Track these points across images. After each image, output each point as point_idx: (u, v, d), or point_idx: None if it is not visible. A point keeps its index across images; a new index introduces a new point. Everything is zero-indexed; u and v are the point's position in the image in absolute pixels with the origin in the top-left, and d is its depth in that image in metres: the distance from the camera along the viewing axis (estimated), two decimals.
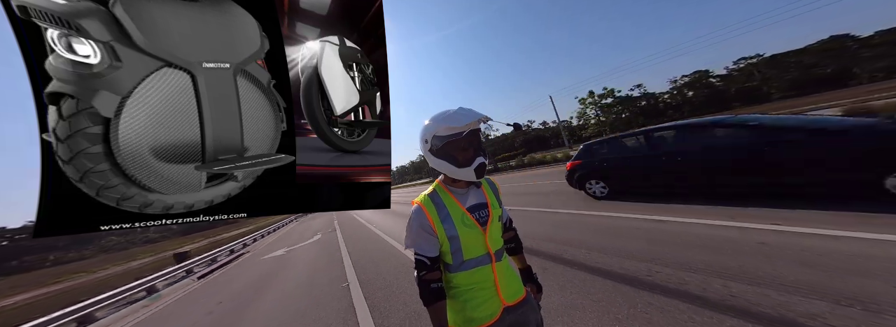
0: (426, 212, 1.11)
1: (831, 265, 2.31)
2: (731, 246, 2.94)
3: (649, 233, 3.70)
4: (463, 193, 1.17)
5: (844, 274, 2.18)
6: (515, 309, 1.14)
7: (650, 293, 2.43)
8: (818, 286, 2.10)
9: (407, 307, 3.23)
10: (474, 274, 1.11)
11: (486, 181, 1.26)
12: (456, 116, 1.04)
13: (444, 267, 1.15)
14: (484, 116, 1.05)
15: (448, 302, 1.11)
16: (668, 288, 2.43)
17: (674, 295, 2.32)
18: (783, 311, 1.92)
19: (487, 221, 1.14)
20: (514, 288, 1.17)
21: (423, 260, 1.09)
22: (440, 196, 1.15)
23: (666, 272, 2.70)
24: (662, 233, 3.64)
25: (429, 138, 1.11)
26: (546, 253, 3.75)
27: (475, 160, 1.08)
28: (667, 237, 3.47)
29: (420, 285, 1.09)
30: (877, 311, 1.78)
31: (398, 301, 3.46)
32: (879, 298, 1.88)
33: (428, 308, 1.07)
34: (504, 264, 1.19)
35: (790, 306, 1.96)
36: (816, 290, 2.06)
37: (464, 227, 1.10)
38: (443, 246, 1.11)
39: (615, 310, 2.30)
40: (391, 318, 3.05)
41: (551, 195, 7.93)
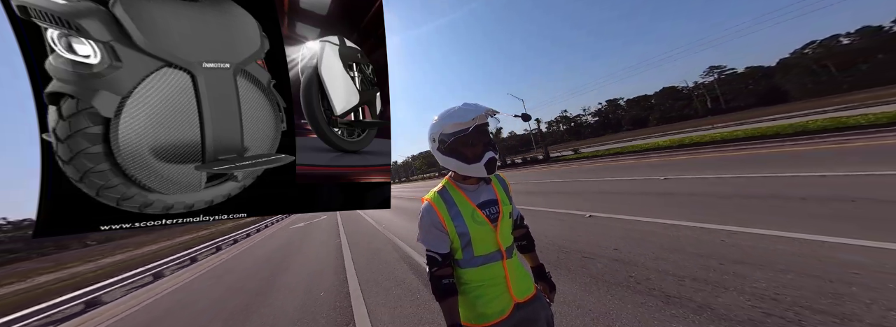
0: (436, 209, 1.11)
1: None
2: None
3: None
4: (473, 190, 1.17)
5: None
6: (526, 306, 1.14)
7: None
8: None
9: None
10: (485, 271, 1.11)
11: (496, 178, 1.25)
12: (460, 112, 1.04)
13: (455, 263, 1.15)
14: (490, 110, 1.04)
15: (459, 298, 1.11)
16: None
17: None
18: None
19: (498, 218, 1.14)
20: (524, 285, 1.17)
21: (434, 257, 1.10)
22: (450, 193, 1.15)
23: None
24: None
25: (436, 136, 1.11)
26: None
27: (484, 155, 1.07)
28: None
29: (432, 281, 1.09)
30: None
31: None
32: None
33: (440, 303, 1.07)
34: (515, 261, 1.19)
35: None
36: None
37: (474, 224, 1.10)
38: (453, 242, 1.11)
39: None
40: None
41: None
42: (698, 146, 14.96)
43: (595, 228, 4.57)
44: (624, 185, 7.96)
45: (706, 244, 3.22)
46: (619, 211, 5.22)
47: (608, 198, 6.70)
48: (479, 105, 1.06)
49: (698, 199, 5.05)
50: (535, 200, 7.88)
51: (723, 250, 3.01)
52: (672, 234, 3.69)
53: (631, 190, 7.16)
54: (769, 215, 3.68)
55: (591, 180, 10.20)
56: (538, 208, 6.75)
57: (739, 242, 3.11)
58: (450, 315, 1.06)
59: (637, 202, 5.79)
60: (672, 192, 5.94)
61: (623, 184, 8.25)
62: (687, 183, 6.65)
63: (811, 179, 4.94)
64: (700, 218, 4.03)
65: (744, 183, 5.61)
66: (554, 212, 6.18)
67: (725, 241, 3.18)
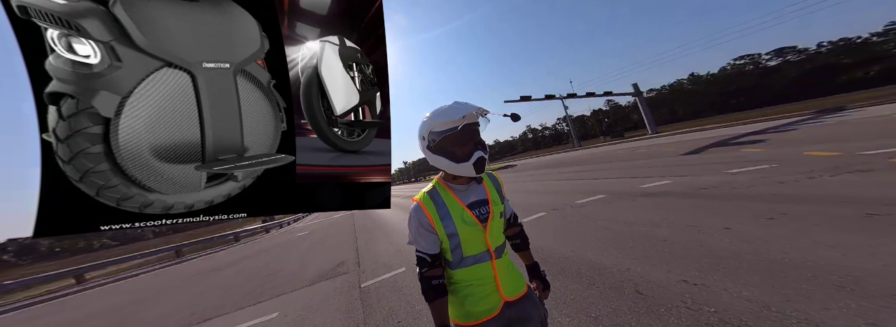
0: (425, 209, 1.10)
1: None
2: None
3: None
4: (463, 190, 1.15)
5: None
6: (516, 305, 1.14)
7: None
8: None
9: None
10: (474, 271, 1.11)
11: (487, 176, 1.23)
12: (450, 110, 1.04)
13: (444, 263, 1.15)
14: (480, 109, 1.03)
15: (449, 297, 1.12)
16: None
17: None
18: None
19: (488, 218, 1.13)
20: (515, 284, 1.17)
21: (423, 258, 1.10)
22: (440, 193, 1.14)
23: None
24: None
25: (425, 135, 1.10)
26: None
27: (473, 154, 1.05)
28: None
29: (422, 282, 1.09)
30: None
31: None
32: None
33: (429, 304, 1.07)
34: (505, 260, 1.18)
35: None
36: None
37: (463, 225, 1.09)
38: (443, 243, 1.11)
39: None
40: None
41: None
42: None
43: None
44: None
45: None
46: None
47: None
48: (469, 104, 1.05)
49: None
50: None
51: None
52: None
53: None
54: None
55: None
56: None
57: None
58: (439, 316, 1.05)
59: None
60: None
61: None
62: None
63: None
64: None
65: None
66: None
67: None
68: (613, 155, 17.94)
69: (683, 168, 8.07)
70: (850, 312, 1.79)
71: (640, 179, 7.63)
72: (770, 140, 10.84)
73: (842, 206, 3.37)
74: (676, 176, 7.13)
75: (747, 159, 7.48)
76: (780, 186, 4.60)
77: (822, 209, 3.41)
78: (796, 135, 10.96)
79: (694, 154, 10.88)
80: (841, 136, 8.51)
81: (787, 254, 2.57)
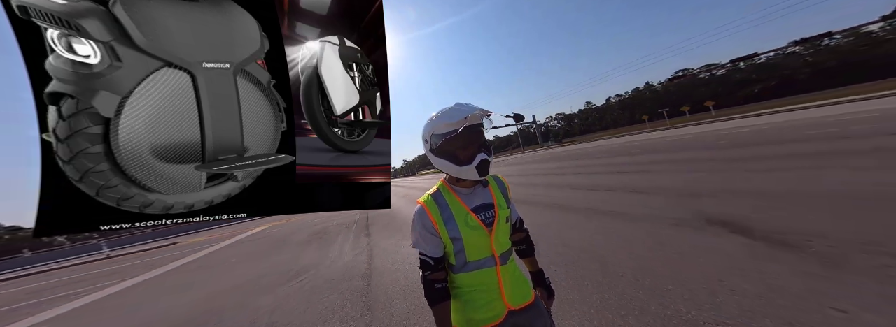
0: (429, 212, 1.08)
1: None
2: None
3: None
4: (468, 193, 1.13)
5: None
6: (521, 314, 1.10)
7: None
8: None
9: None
10: (477, 276, 1.09)
11: (494, 179, 1.20)
12: (451, 112, 1.01)
13: (448, 266, 1.13)
14: (483, 110, 1.01)
15: (451, 302, 1.09)
16: None
17: None
18: None
19: (493, 222, 1.09)
20: (521, 292, 1.13)
21: (427, 261, 1.08)
22: (444, 196, 1.11)
23: None
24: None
25: (428, 137, 1.08)
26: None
27: (477, 157, 1.03)
28: None
29: (425, 285, 1.07)
30: None
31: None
32: None
33: (432, 308, 1.05)
34: (510, 267, 1.14)
35: None
36: None
37: (467, 229, 1.06)
38: (446, 246, 1.09)
39: None
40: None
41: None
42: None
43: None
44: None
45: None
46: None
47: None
48: (470, 105, 1.02)
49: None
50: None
51: None
52: None
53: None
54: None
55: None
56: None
57: None
58: (441, 321, 1.04)
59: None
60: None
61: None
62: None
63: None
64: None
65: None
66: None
67: None
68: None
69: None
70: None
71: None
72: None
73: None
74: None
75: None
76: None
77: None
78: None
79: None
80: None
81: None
